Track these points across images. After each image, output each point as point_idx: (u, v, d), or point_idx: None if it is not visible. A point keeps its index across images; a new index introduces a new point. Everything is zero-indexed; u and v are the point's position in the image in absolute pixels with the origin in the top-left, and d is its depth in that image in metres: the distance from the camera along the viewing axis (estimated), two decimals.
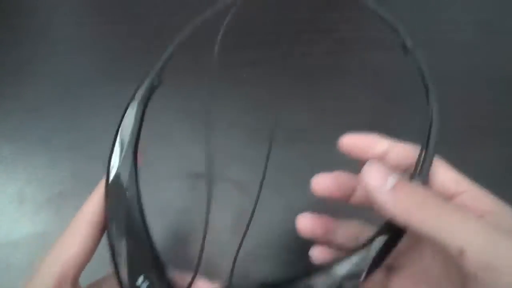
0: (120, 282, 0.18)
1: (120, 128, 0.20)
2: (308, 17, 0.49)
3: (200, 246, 0.20)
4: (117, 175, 0.19)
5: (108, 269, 0.20)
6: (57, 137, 0.38)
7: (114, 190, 0.19)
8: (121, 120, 0.20)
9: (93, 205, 0.21)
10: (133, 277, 0.18)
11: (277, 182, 0.36)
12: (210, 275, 0.32)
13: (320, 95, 0.42)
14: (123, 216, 0.19)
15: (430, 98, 0.21)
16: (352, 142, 0.23)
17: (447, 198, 0.19)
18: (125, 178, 0.19)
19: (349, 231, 0.24)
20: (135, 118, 0.20)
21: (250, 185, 0.36)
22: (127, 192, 0.19)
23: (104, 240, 0.20)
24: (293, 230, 0.35)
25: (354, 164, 0.28)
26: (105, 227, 0.20)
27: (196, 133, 0.39)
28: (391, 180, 0.17)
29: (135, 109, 0.20)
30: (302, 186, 0.37)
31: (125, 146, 0.20)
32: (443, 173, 0.20)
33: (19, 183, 0.36)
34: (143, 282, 0.18)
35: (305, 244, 0.34)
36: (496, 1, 0.52)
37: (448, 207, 0.16)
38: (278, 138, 0.39)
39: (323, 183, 0.24)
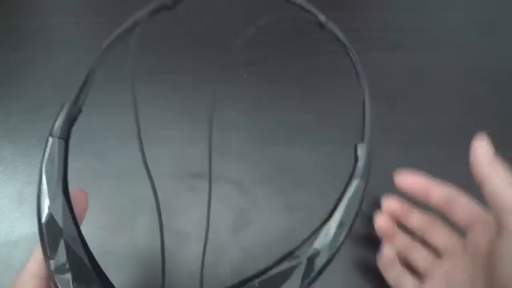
0: None
1: (43, 166, 0.19)
2: (308, 17, 0.49)
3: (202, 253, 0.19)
4: (49, 219, 0.18)
5: None
6: None
7: (50, 235, 0.18)
8: (42, 158, 0.19)
9: (37, 257, 0.19)
10: None
11: (277, 182, 0.36)
12: (209, 274, 0.32)
13: (320, 95, 0.42)
14: (65, 259, 0.18)
15: (356, 66, 0.21)
16: (409, 183, 0.28)
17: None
18: (59, 219, 0.18)
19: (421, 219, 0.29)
20: (58, 155, 0.19)
21: (250, 185, 0.36)
22: (65, 233, 0.18)
23: None
24: (293, 230, 0.35)
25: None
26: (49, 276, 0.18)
27: (196, 133, 0.39)
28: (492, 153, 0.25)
29: (56, 145, 0.19)
30: (302, 186, 0.37)
31: (52, 186, 0.18)
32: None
33: (19, 183, 0.36)
34: None
35: None
36: (496, 1, 0.52)
37: None
38: (278, 137, 0.39)
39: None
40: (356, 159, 0.20)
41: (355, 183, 0.20)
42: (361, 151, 0.21)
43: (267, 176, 0.36)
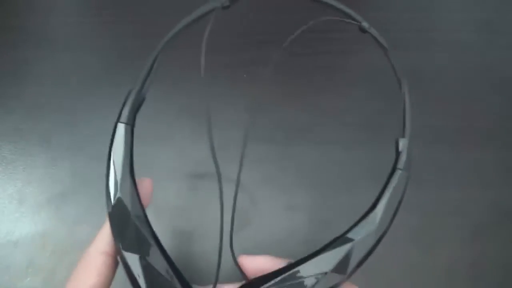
0: None
1: (112, 150, 0.20)
2: (308, 17, 0.49)
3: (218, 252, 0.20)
4: (118, 200, 0.19)
5: None
6: (57, 137, 0.38)
7: (118, 215, 0.19)
8: (111, 143, 0.20)
9: (104, 235, 0.20)
10: None
11: (277, 182, 0.36)
12: (209, 274, 0.32)
13: (320, 95, 0.42)
14: (133, 238, 0.19)
15: (396, 71, 0.24)
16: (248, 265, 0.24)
17: None
18: (127, 200, 0.19)
19: None
20: (125, 140, 0.20)
21: (250, 185, 0.36)
22: (132, 214, 0.19)
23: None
24: (293, 230, 0.35)
25: (355, 165, 0.28)
26: (116, 253, 0.20)
27: (196, 133, 0.39)
28: None
29: (123, 130, 0.20)
30: (302, 186, 0.37)
31: (120, 170, 0.20)
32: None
33: (19, 183, 0.36)
34: None
35: (305, 244, 0.34)
36: (496, 1, 0.52)
37: None
38: (278, 137, 0.39)
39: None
40: (397, 152, 0.22)
41: (398, 173, 0.21)
42: (403, 144, 0.23)
43: (267, 176, 0.36)
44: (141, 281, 0.18)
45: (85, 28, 0.47)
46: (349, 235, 0.20)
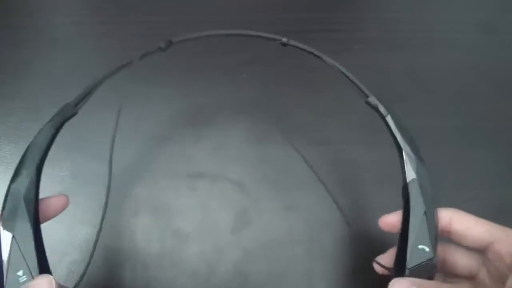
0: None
1: (32, 143, 0.24)
2: (308, 17, 0.49)
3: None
4: (18, 185, 0.22)
5: None
6: (57, 137, 0.38)
7: (14, 193, 0.22)
8: (35, 138, 0.24)
9: None
10: (13, 270, 0.20)
11: (277, 182, 0.36)
12: (210, 274, 0.32)
13: (320, 95, 0.42)
14: (15, 216, 0.21)
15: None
16: (390, 221, 0.25)
17: (482, 249, 0.22)
18: (25, 182, 0.22)
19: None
20: (48, 138, 0.24)
21: (250, 185, 0.36)
22: (24, 196, 0.21)
23: None
24: (293, 230, 0.35)
25: (355, 165, 0.28)
26: None
27: (196, 133, 0.39)
28: None
29: (47, 132, 0.24)
30: (302, 186, 0.37)
31: (33, 157, 0.23)
32: (475, 227, 0.23)
33: None
34: (22, 276, 0.20)
35: (305, 244, 0.34)
36: (496, 1, 0.52)
37: None
38: (278, 138, 0.39)
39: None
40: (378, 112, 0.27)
41: (389, 118, 0.27)
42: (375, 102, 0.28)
43: (267, 176, 0.36)
44: (5, 256, 0.20)
45: (85, 28, 0.47)
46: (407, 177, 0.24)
